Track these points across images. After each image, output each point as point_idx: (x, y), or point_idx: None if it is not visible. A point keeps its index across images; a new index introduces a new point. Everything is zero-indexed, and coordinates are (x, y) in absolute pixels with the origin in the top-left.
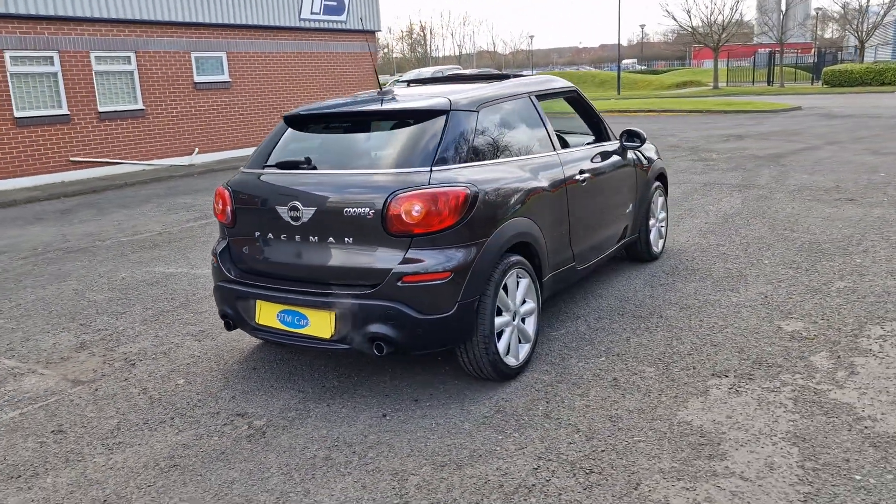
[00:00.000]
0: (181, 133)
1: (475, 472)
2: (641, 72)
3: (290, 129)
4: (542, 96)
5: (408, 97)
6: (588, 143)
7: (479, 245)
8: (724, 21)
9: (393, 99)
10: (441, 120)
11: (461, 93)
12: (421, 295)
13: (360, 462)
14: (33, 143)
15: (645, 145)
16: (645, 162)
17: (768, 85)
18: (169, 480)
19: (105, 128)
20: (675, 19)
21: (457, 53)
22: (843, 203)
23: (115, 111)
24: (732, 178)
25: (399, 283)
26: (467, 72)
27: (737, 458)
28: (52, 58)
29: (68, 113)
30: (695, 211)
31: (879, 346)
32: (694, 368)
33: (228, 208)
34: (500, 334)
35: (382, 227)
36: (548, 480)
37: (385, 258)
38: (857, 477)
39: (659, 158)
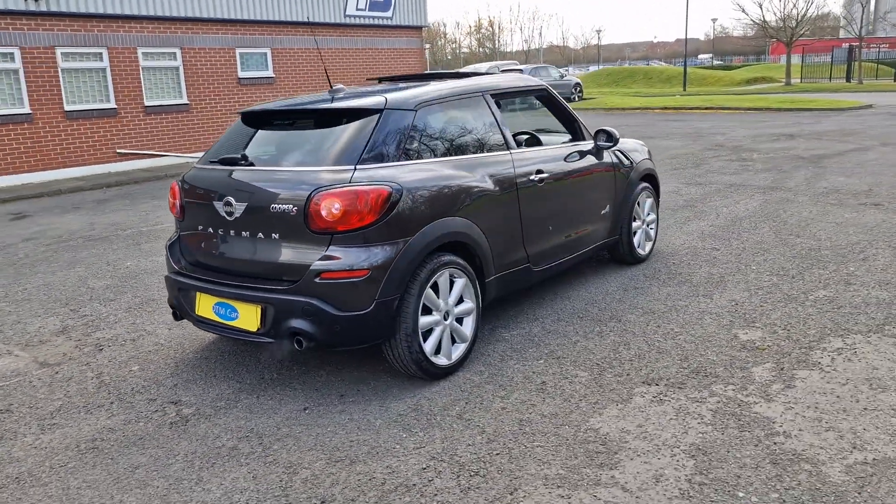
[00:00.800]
0: (224, 127)
1: (365, 469)
2: (714, 67)
3: (242, 126)
4: (500, 95)
5: (351, 96)
6: (563, 143)
7: (401, 244)
8: (798, 14)
9: (338, 98)
10: (374, 119)
11: (402, 92)
12: (339, 292)
13: (263, 454)
14: (82, 135)
15: (631, 146)
16: (626, 162)
17: (847, 81)
18: (81, 462)
19: (150, 121)
20: (745, 12)
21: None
22: (866, 208)
23: (161, 105)
24: (762, 180)
25: (317, 280)
26: (447, 72)
27: (627, 468)
28: (101, 54)
29: (116, 107)
30: (705, 213)
31: (831, 359)
32: (627, 375)
33: (178, 202)
34: (429, 332)
35: (305, 224)
36: (430, 481)
37: (306, 255)
38: (741, 494)
39: (647, 159)
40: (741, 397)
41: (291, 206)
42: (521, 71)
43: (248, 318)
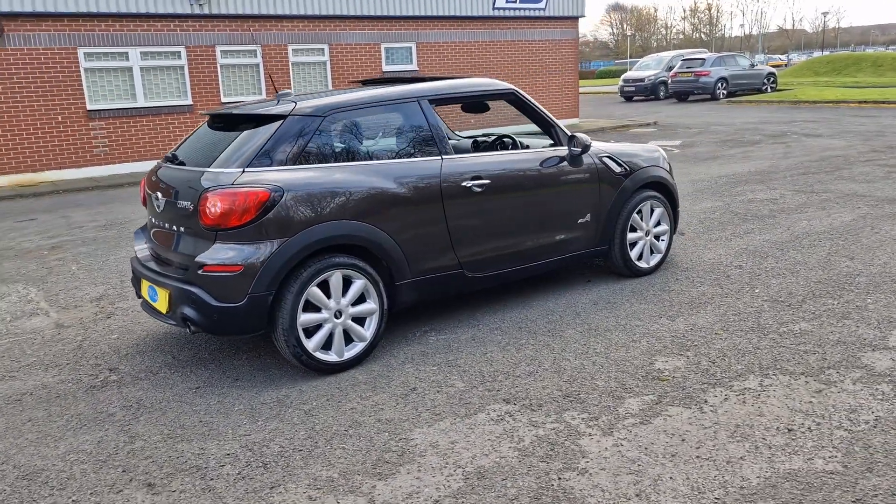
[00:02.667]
0: None
1: (184, 448)
2: None
3: (204, 126)
4: (441, 101)
5: (280, 103)
6: (527, 149)
7: (277, 244)
8: None
9: (265, 104)
10: (276, 125)
11: (316, 99)
12: (216, 284)
13: (125, 423)
14: None
15: (631, 151)
16: (617, 169)
17: None
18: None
19: None
20: None
21: (746, 33)
22: None
23: None
24: (893, 191)
25: (200, 272)
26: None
27: (397, 481)
28: (254, 51)
29: (265, 98)
30: (775, 226)
31: (723, 399)
32: (497, 391)
33: (142, 194)
34: (317, 329)
35: (198, 221)
36: (222, 466)
37: (197, 248)
38: None
39: (655, 166)
40: (581, 427)
41: (189, 203)
42: (702, 61)
43: (162, 301)
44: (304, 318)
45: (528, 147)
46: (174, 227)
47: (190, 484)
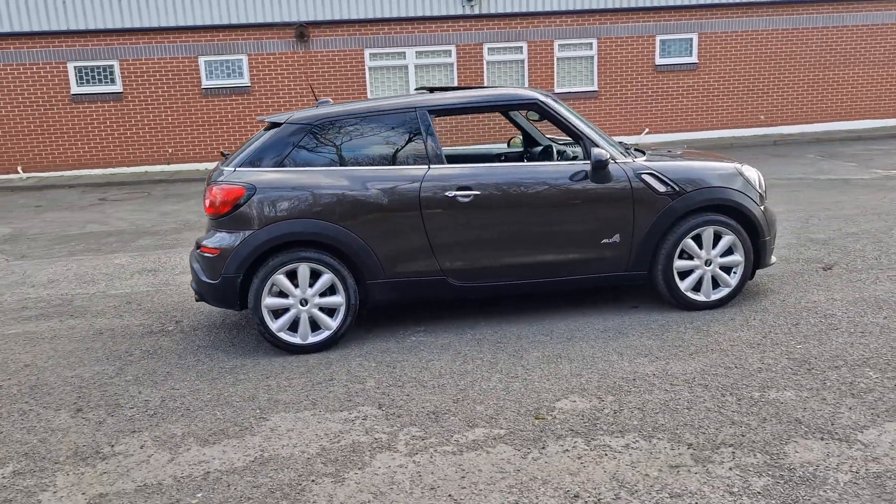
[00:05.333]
0: (632, 114)
1: (113, 383)
2: None
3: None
4: (445, 111)
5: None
6: (541, 160)
7: (245, 234)
8: None
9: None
10: (274, 131)
11: (316, 109)
12: (205, 262)
13: (114, 360)
14: (499, 118)
15: (687, 168)
16: (661, 189)
17: None
18: (8, 343)
19: None
20: None
21: None
22: None
23: (570, 92)
24: None
25: (198, 251)
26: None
27: (110, 465)
28: (521, 48)
29: None
30: None
31: (563, 449)
32: (381, 396)
33: None
34: (284, 312)
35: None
36: (85, 420)
37: (207, 232)
38: None
39: (725, 188)
40: (396, 443)
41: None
42: None
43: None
44: (270, 301)
45: (574, 158)
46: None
47: (106, 412)
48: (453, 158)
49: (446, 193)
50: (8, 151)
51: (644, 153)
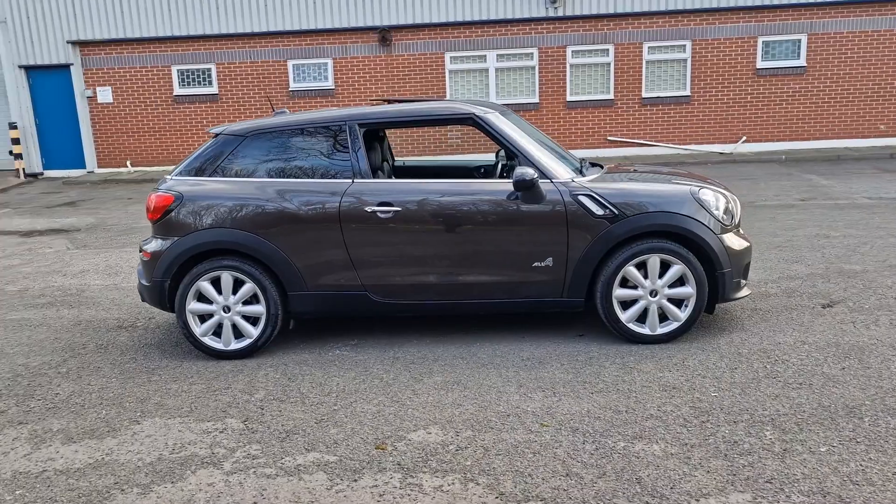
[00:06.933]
0: (728, 120)
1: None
2: None
3: None
4: (375, 124)
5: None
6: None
7: (171, 240)
8: None
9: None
10: (212, 141)
11: (253, 121)
12: (142, 265)
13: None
14: (579, 122)
15: (633, 190)
16: (598, 211)
17: None
18: (12, 330)
19: (645, 112)
20: None
21: None
22: None
23: (658, 97)
24: None
25: (140, 254)
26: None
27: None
28: (607, 50)
29: (613, 98)
30: None
31: (373, 485)
32: (252, 409)
33: None
34: (205, 317)
35: None
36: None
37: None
38: None
39: (673, 213)
40: (221, 459)
41: None
42: None
43: None
44: (194, 306)
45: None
46: None
47: (15, 402)
48: (419, 171)
49: (366, 208)
50: (119, 147)
51: (601, 168)
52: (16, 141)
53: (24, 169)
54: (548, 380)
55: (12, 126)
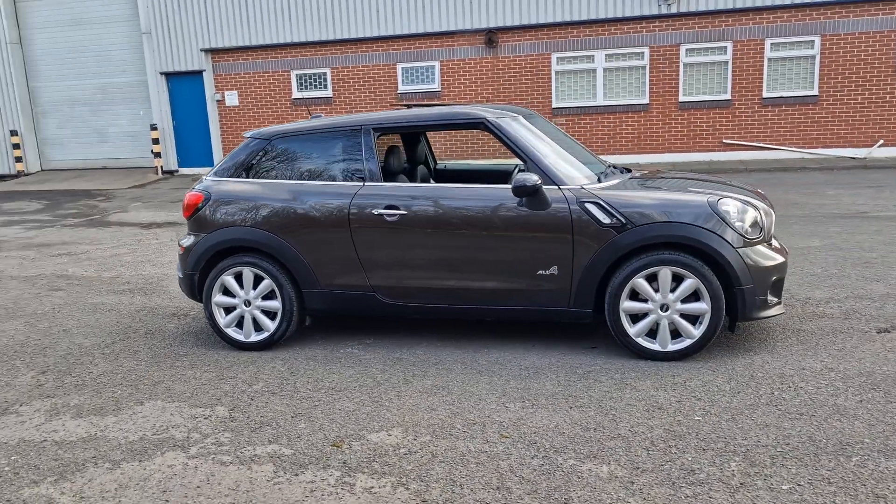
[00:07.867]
0: (863, 122)
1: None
2: None
3: None
4: (391, 129)
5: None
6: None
7: (200, 236)
8: None
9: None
10: (243, 144)
11: (280, 125)
12: (179, 258)
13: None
14: (692, 124)
15: (641, 199)
16: (606, 219)
17: None
18: (81, 310)
19: (766, 113)
20: None
21: None
22: None
23: (781, 97)
24: None
25: (179, 249)
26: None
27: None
28: (724, 48)
29: (730, 98)
30: None
31: (310, 479)
32: (240, 401)
33: None
34: (230, 309)
35: None
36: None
37: None
38: None
39: (687, 223)
40: (205, 449)
41: None
42: None
43: None
44: (219, 298)
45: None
46: None
47: (55, 378)
48: (458, 175)
49: (373, 211)
50: None
51: (628, 173)
52: (155, 141)
53: (161, 166)
54: (534, 391)
55: (153, 127)
